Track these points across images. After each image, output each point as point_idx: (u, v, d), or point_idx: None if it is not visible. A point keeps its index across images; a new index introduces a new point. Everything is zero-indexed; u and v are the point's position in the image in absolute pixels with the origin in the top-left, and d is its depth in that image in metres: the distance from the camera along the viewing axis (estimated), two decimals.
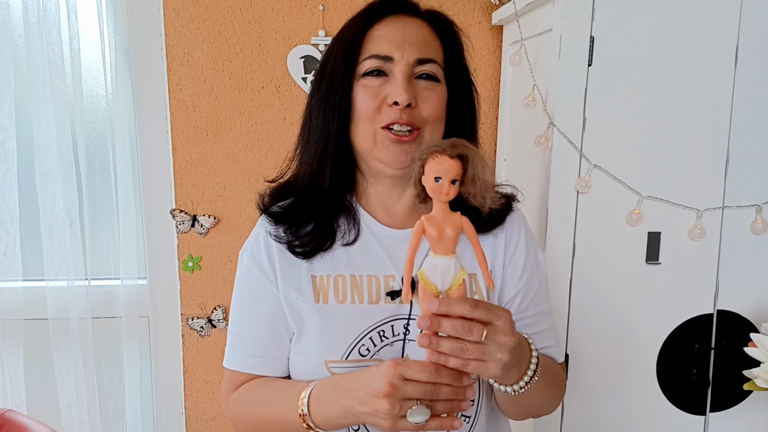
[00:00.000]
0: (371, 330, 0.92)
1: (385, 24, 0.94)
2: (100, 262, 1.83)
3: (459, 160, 0.74)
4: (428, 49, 0.93)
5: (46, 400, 1.84)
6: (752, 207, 1.30)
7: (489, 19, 1.76)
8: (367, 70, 0.92)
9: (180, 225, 1.81)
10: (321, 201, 0.96)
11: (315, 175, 0.96)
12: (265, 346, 0.97)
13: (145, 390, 1.92)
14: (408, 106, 0.90)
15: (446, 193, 0.74)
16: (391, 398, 0.76)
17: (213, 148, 1.80)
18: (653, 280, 1.33)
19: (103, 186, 1.83)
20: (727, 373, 1.34)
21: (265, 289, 0.97)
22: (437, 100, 0.93)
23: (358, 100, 0.92)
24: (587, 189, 1.30)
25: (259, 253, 0.98)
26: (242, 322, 0.99)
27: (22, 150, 1.75)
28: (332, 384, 0.87)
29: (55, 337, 1.79)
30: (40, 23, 1.67)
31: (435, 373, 0.76)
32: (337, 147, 0.94)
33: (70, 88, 1.72)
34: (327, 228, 0.96)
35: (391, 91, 0.90)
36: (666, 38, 1.26)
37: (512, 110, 1.69)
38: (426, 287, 0.77)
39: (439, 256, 0.77)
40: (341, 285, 0.95)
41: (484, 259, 0.78)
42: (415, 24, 0.94)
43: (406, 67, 0.91)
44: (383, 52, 0.92)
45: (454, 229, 0.76)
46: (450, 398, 0.77)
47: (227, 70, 1.76)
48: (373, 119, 0.91)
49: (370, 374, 0.80)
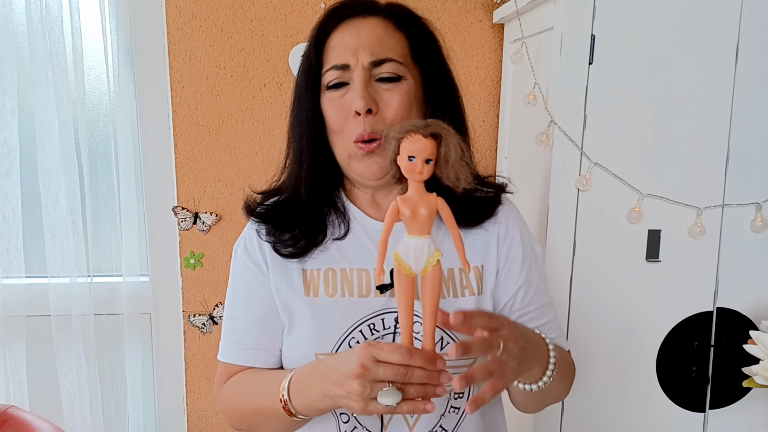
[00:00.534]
0: (361, 323, 0.93)
1: (340, 31, 0.93)
2: (103, 259, 1.84)
3: (433, 139, 0.74)
4: (382, 49, 0.92)
5: (48, 397, 1.85)
6: (752, 205, 1.31)
7: (490, 18, 1.76)
8: (329, 82, 0.92)
9: (182, 222, 1.82)
10: (303, 210, 0.97)
11: (295, 189, 0.98)
12: (258, 339, 0.99)
13: (147, 386, 1.92)
14: (369, 113, 0.90)
15: (419, 172, 0.74)
16: (362, 379, 0.75)
17: (215, 145, 1.80)
18: (653, 277, 1.33)
19: (106, 183, 1.83)
20: (726, 371, 1.35)
21: (259, 282, 0.98)
22: (399, 100, 0.91)
23: (326, 115, 0.93)
24: (588, 187, 1.30)
25: (252, 246, 0.99)
26: (236, 315, 1.01)
27: (25, 147, 1.75)
28: (311, 369, 0.88)
29: (57, 333, 1.80)
30: (43, 21, 1.67)
31: (408, 355, 0.75)
32: (312, 160, 0.95)
33: (73, 85, 1.72)
34: (315, 227, 0.97)
35: (351, 100, 0.90)
36: (666, 36, 1.26)
37: (513, 108, 1.69)
38: (400, 268, 0.76)
39: (413, 236, 0.76)
40: (331, 279, 0.96)
41: (460, 241, 0.77)
42: (369, 25, 0.93)
43: (362, 72, 0.90)
44: (340, 61, 0.91)
45: (429, 209, 0.76)
46: (423, 382, 0.76)
47: (229, 68, 1.77)
48: (343, 132, 0.92)
49: (345, 357, 0.80)
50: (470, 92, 1.80)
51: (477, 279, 0.98)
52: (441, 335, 0.93)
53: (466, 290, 0.96)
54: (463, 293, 0.96)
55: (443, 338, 0.93)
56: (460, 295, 0.96)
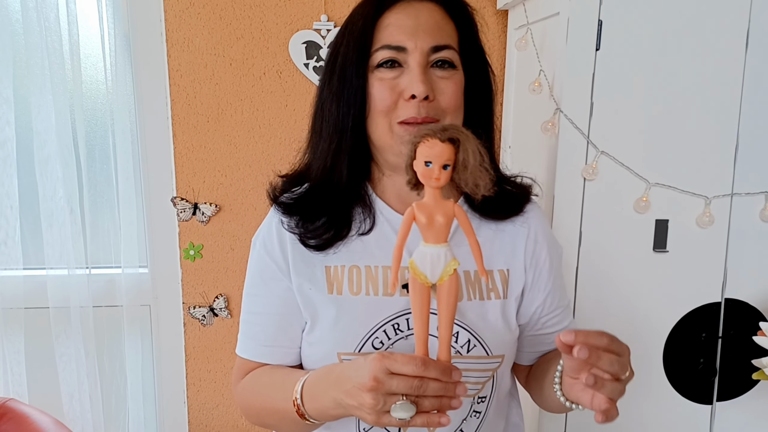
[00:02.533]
0: (385, 323, 0.91)
1: (396, 11, 0.90)
2: (101, 250, 1.82)
3: (451, 144, 0.71)
4: (442, 35, 0.89)
5: (47, 389, 1.83)
6: (762, 194, 1.28)
7: (494, 3, 1.73)
8: (381, 61, 0.88)
9: (181, 213, 1.80)
10: (336, 195, 0.93)
11: (330, 169, 0.93)
12: (276, 336, 0.96)
13: (147, 379, 1.91)
14: (425, 99, 0.87)
15: (437, 179, 0.71)
16: (374, 392, 0.73)
17: (214, 135, 1.78)
18: (661, 268, 1.31)
19: (104, 173, 1.81)
20: (734, 363, 1.33)
21: (276, 279, 0.95)
22: (454, 89, 0.89)
23: (374, 94, 0.89)
24: (594, 176, 1.28)
25: (271, 242, 0.95)
26: (254, 311, 0.98)
27: (21, 137, 1.73)
28: (324, 374, 0.85)
29: (56, 326, 1.78)
30: (38, 9, 1.64)
31: (422, 366, 0.72)
32: (353, 141, 0.91)
33: (69, 74, 1.70)
34: (342, 219, 0.93)
35: (407, 83, 0.87)
36: (675, 22, 1.23)
37: (518, 96, 1.66)
38: (415, 277, 0.74)
39: (429, 244, 0.73)
40: (356, 276, 0.93)
41: (479, 250, 0.75)
42: (427, 9, 0.90)
43: (421, 57, 0.87)
44: (395, 42, 0.88)
45: (445, 217, 0.73)
46: (438, 394, 0.74)
47: (228, 56, 1.74)
48: (389, 114, 0.88)
49: (358, 366, 0.77)
50: None
51: (503, 282, 0.95)
52: (468, 337, 0.91)
53: (492, 293, 0.94)
54: (489, 296, 0.94)
55: (470, 341, 0.91)
56: (486, 298, 0.94)
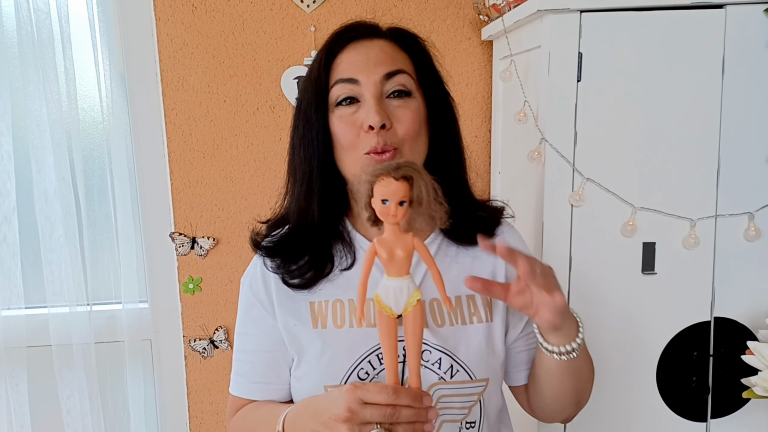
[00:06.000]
0: (370, 353, 0.93)
1: (347, 51, 0.95)
2: (102, 286, 1.84)
3: (405, 182, 0.75)
4: (395, 62, 0.94)
5: (50, 427, 1.85)
6: (745, 214, 1.32)
7: (479, 35, 1.78)
8: (339, 99, 0.93)
9: (180, 247, 1.83)
10: (314, 234, 0.96)
11: (304, 210, 0.97)
12: (265, 373, 0.99)
13: (150, 413, 1.92)
14: (383, 128, 0.90)
15: (394, 215, 0.75)
16: (350, 423, 0.76)
17: (210, 170, 1.81)
18: (650, 289, 1.34)
19: (102, 211, 1.84)
20: (726, 380, 1.35)
21: (262, 318, 0.98)
22: (411, 116, 0.93)
23: (336, 132, 0.93)
24: (581, 202, 1.31)
25: (256, 283, 0.99)
26: (244, 349, 1.02)
27: (20, 177, 1.76)
28: (303, 407, 0.89)
29: (58, 363, 1.80)
30: (35, 50, 1.68)
31: (394, 394, 0.76)
32: (323, 180, 0.95)
33: (67, 114, 1.73)
34: (323, 257, 0.97)
35: (364, 116, 0.91)
36: (653, 52, 1.27)
37: (505, 124, 1.70)
38: (381, 309, 0.77)
39: (392, 278, 0.77)
40: (339, 310, 0.96)
41: (440, 279, 0.79)
42: (377, 44, 0.95)
43: (374, 88, 0.91)
44: (347, 75, 0.92)
45: (405, 251, 0.77)
46: (411, 420, 0.77)
47: (222, 93, 1.78)
48: (354, 148, 0.92)
49: (332, 398, 0.81)
50: (462, 108, 1.82)
51: (485, 305, 0.98)
52: (450, 363, 0.94)
53: (474, 317, 0.97)
54: (471, 320, 0.97)
55: (452, 366, 0.94)
56: (468, 323, 0.96)
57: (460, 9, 1.78)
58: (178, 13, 1.73)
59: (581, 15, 1.26)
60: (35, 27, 1.67)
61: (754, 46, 1.27)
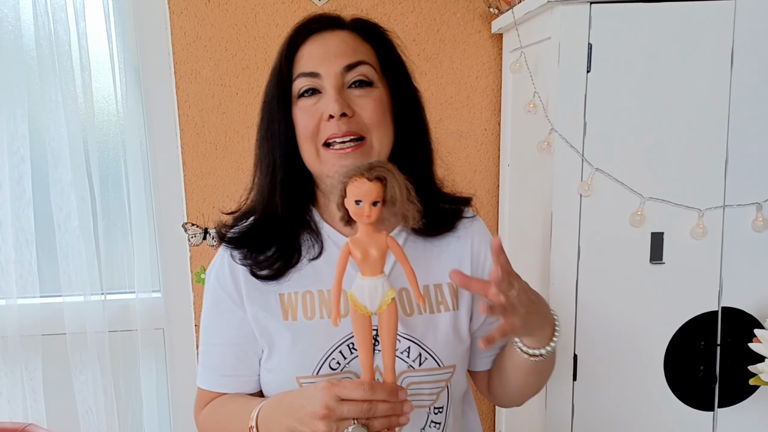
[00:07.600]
0: (341, 343, 0.94)
1: (308, 43, 0.96)
2: (115, 276, 1.87)
3: (378, 182, 0.76)
4: (355, 54, 0.94)
5: (65, 414, 1.87)
6: (753, 205, 1.33)
7: (488, 28, 1.79)
8: (300, 90, 0.93)
9: (192, 238, 1.85)
10: (279, 225, 0.96)
11: (269, 202, 0.97)
12: (233, 366, 0.99)
13: (162, 401, 1.95)
14: (344, 116, 0.91)
15: (367, 216, 0.76)
16: (327, 420, 0.77)
17: (222, 162, 1.83)
18: (658, 279, 1.35)
19: (117, 202, 1.86)
20: (733, 369, 1.36)
21: (230, 311, 0.98)
22: (374, 105, 0.93)
23: (298, 123, 0.94)
24: (590, 192, 1.32)
25: (223, 275, 0.98)
26: (211, 342, 1.01)
27: (37, 170, 1.79)
28: (277, 402, 0.89)
29: (73, 351, 1.83)
30: (51, 44, 1.71)
31: (370, 390, 0.77)
32: (286, 171, 0.95)
33: (82, 107, 1.76)
34: (291, 247, 0.97)
35: (324, 106, 0.92)
36: (662, 43, 1.28)
37: (514, 116, 1.72)
38: (356, 308, 0.78)
39: (366, 277, 0.78)
40: (309, 301, 0.96)
41: (413, 275, 0.80)
42: (338, 36, 0.96)
43: (335, 80, 0.92)
44: (308, 69, 0.93)
45: (379, 250, 0.78)
46: (387, 414, 0.79)
47: (234, 86, 1.80)
48: (314, 138, 0.93)
49: (309, 394, 0.81)
50: (471, 101, 1.83)
51: (452, 294, 0.99)
52: (419, 351, 0.94)
53: (441, 306, 0.98)
54: (439, 309, 0.98)
55: (421, 354, 0.95)
56: (436, 311, 0.98)
57: (471, 2, 1.79)
58: (192, 6, 1.75)
59: (591, 6, 1.27)
60: (51, 20, 1.70)
61: (763, 37, 1.28)
